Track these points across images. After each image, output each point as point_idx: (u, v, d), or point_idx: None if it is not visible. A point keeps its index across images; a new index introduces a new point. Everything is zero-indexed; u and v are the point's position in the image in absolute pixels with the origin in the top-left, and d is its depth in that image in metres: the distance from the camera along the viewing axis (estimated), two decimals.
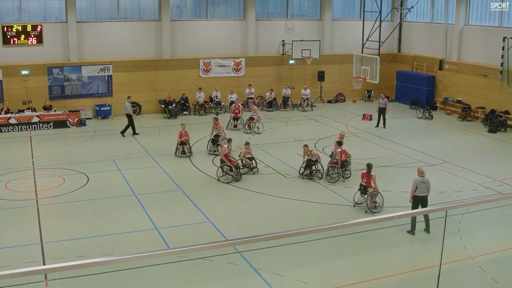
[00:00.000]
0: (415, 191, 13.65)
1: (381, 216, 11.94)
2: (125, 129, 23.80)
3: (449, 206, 8.47)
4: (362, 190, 15.44)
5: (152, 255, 6.42)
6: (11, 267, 11.70)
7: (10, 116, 24.48)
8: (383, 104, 25.39)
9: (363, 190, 15.42)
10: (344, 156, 17.81)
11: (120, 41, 27.75)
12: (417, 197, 13.62)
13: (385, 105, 25.37)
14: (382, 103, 25.42)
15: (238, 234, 13.62)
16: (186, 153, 20.43)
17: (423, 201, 13.64)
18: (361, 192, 15.51)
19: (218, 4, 29.99)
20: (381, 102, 25.52)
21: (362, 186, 15.42)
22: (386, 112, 25.51)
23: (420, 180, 13.62)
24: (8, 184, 17.36)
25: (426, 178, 13.70)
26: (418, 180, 13.63)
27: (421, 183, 13.60)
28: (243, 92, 29.51)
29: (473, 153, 21.65)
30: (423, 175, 13.66)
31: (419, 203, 13.62)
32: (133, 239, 13.51)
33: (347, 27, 32.28)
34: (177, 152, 20.45)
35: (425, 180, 13.64)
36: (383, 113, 25.43)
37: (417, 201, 13.63)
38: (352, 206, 15.66)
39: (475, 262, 12.35)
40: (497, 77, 26.15)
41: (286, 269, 11.86)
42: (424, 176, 13.67)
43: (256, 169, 18.71)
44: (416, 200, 13.66)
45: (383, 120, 25.45)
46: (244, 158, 18.52)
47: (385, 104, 25.38)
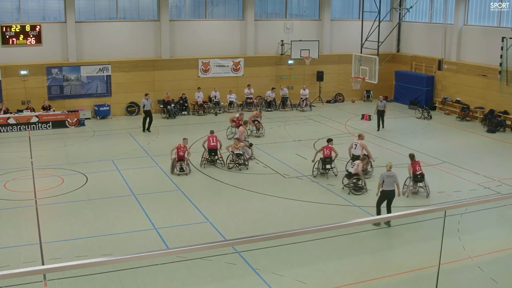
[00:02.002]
0: (382, 185, 14.01)
1: (381, 216, 11.96)
2: (148, 125, 24.48)
3: (448, 206, 8.50)
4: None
5: (151, 255, 6.42)
6: (10, 267, 11.69)
7: (9, 116, 24.46)
8: (382, 106, 25.04)
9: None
10: (328, 152, 18.02)
11: (119, 41, 27.74)
12: (384, 191, 14.00)
13: (384, 107, 25.08)
14: (381, 105, 25.07)
15: (237, 234, 13.62)
16: (184, 170, 18.34)
17: (391, 196, 13.99)
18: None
19: (217, 4, 29.99)
20: (379, 104, 25.15)
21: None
22: (385, 114, 25.28)
23: (386, 174, 14.02)
24: (7, 184, 17.34)
25: (393, 173, 14.05)
26: (385, 174, 14.06)
27: (388, 177, 13.96)
28: (242, 92, 29.51)
29: (472, 153, 21.65)
30: (390, 170, 14.10)
31: (386, 197, 14.00)
32: (132, 239, 13.50)
33: (346, 27, 32.29)
34: (174, 170, 18.30)
35: (391, 175, 13.98)
36: (382, 116, 25.15)
37: (384, 195, 14.02)
38: (350, 205, 15.68)
39: (474, 262, 12.35)
40: (496, 77, 26.16)
41: (285, 269, 11.86)
42: (391, 170, 14.10)
43: (244, 166, 18.69)
44: (383, 194, 14.04)
45: (382, 122, 25.22)
46: (231, 152, 18.54)
47: (384, 106, 25.08)
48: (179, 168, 18.33)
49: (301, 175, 18.49)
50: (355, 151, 17.97)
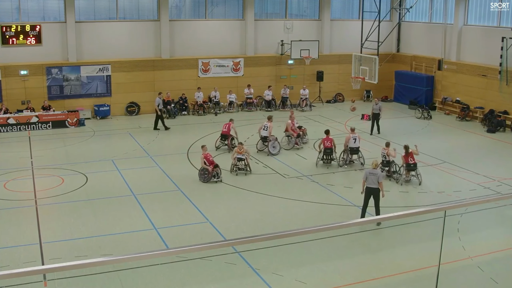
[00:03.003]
0: (365, 181, 14.17)
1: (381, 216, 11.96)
2: (163, 123, 24.87)
3: (448, 206, 8.50)
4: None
5: (151, 255, 6.42)
6: (10, 267, 11.69)
7: (9, 116, 24.46)
8: (377, 109, 24.03)
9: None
10: (329, 144, 19.24)
11: (119, 41, 27.73)
12: (368, 188, 14.15)
13: (379, 110, 24.07)
14: (376, 108, 24.05)
15: (237, 234, 13.62)
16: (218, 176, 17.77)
17: (373, 193, 14.09)
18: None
19: (217, 4, 29.99)
20: (374, 107, 24.18)
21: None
22: (380, 117, 24.15)
23: (369, 171, 14.20)
24: (7, 184, 17.34)
25: (377, 171, 14.16)
26: (368, 171, 14.27)
27: (370, 174, 14.10)
28: (242, 92, 29.52)
29: (472, 153, 21.66)
30: (375, 168, 14.24)
31: (370, 194, 14.12)
32: (132, 239, 13.50)
33: (346, 27, 32.29)
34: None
35: (374, 172, 14.09)
36: (377, 119, 24.02)
37: (368, 192, 14.18)
38: (350, 205, 15.68)
39: (474, 262, 12.36)
40: (496, 77, 26.16)
41: (285, 269, 11.86)
42: (376, 169, 14.23)
43: (246, 171, 18.52)
44: (366, 191, 14.20)
45: (377, 127, 24.22)
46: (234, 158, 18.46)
47: (379, 109, 24.07)
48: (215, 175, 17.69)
49: (301, 175, 18.50)
50: (354, 144, 19.34)
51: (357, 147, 19.42)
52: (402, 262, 12.50)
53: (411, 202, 16.25)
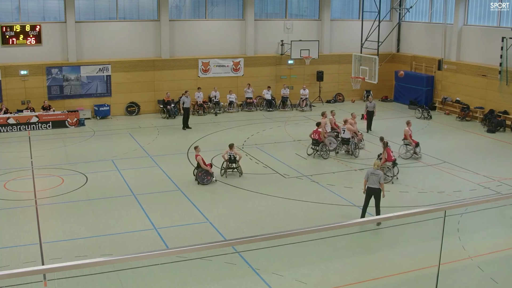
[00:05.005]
0: (367, 181, 14.25)
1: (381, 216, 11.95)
2: (186, 121, 25.11)
3: (448, 206, 8.49)
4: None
5: (151, 255, 6.42)
6: (10, 267, 11.70)
7: (9, 116, 24.45)
8: (371, 107, 24.58)
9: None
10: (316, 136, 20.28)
11: (119, 41, 27.73)
12: (369, 188, 14.22)
13: (373, 108, 24.58)
14: (370, 106, 24.58)
15: (237, 234, 13.62)
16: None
17: (374, 193, 14.17)
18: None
19: (217, 4, 29.98)
20: (369, 105, 24.67)
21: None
22: (374, 115, 24.76)
23: (371, 171, 14.26)
24: (7, 184, 17.34)
25: (378, 172, 14.24)
26: (369, 171, 14.33)
27: (372, 174, 14.19)
28: (242, 92, 29.52)
29: (472, 153, 21.65)
30: (377, 168, 14.30)
31: (371, 195, 14.21)
32: (132, 239, 13.50)
33: (346, 27, 32.29)
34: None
35: (376, 173, 14.17)
36: (371, 116, 24.64)
37: (369, 192, 14.26)
38: (350, 205, 15.68)
39: (474, 262, 12.36)
40: (496, 77, 26.16)
41: (285, 269, 11.86)
42: (377, 169, 14.29)
43: (237, 173, 18.27)
44: (368, 191, 14.27)
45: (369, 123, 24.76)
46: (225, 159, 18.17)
47: (373, 107, 24.58)
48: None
49: (301, 175, 18.50)
50: (343, 135, 20.95)
51: (348, 138, 20.82)
52: (402, 262, 12.50)
53: (411, 202, 16.25)
